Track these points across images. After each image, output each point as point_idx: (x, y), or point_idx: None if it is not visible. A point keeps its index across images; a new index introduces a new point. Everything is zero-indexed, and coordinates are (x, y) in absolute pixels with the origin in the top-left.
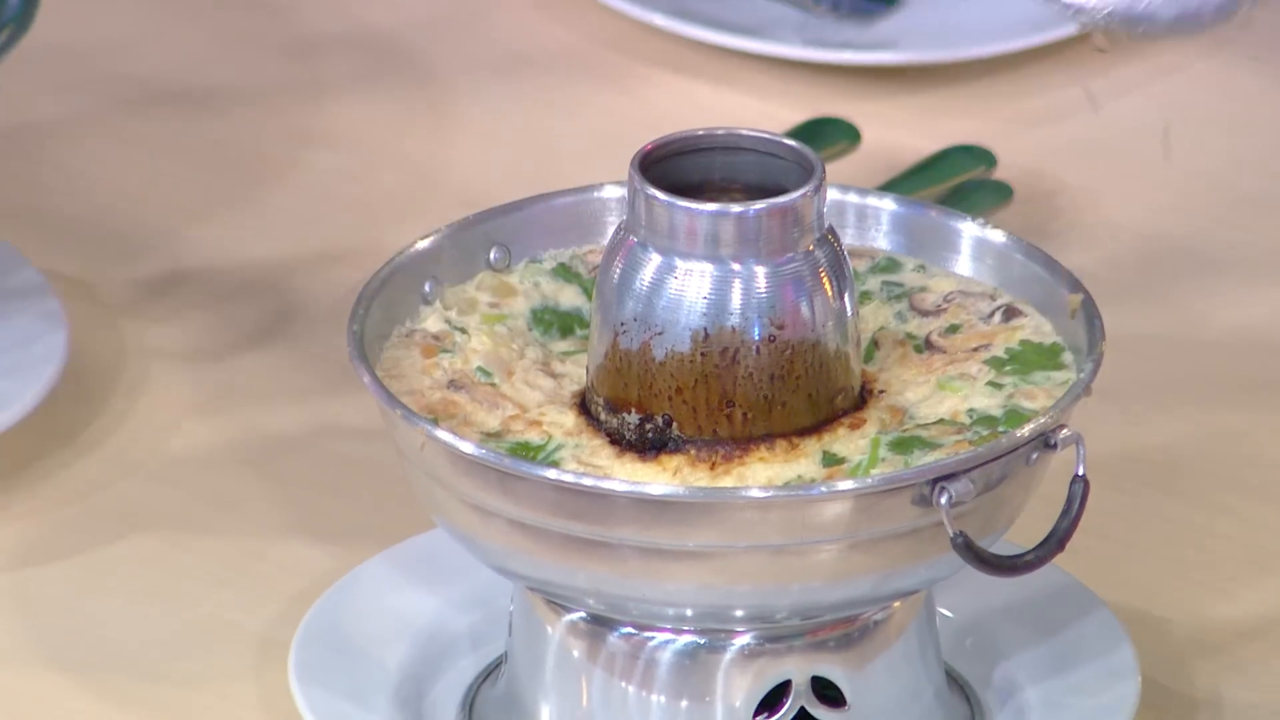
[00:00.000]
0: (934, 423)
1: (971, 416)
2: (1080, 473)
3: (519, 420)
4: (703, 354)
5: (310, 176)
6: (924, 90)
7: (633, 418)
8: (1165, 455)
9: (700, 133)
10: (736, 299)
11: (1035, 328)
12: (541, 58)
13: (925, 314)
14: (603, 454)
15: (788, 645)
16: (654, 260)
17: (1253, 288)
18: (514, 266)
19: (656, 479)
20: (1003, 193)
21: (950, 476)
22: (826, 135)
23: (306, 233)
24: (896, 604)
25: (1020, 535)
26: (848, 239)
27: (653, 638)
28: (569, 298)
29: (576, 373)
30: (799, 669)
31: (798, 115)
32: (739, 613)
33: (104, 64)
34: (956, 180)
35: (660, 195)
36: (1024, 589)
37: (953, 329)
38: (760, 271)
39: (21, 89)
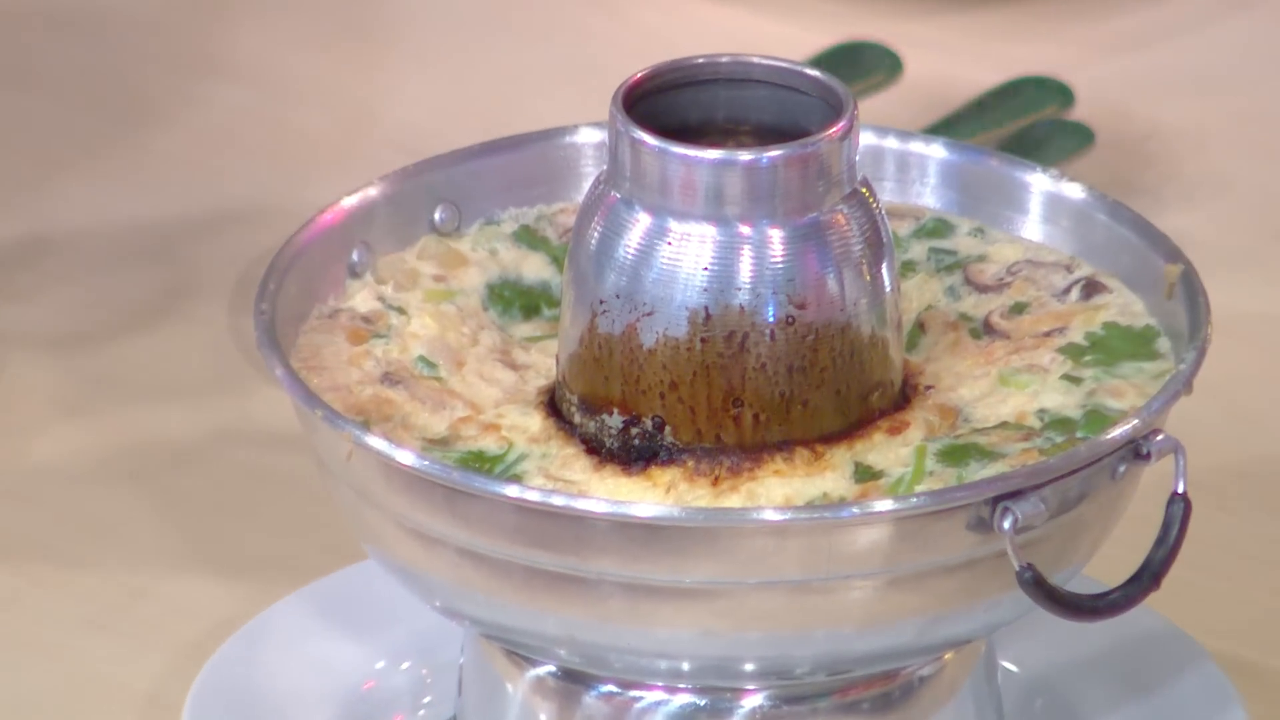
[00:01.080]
0: (995, 427)
1: (1042, 419)
2: (1180, 490)
3: (471, 423)
4: (703, 340)
5: (207, 116)
6: (982, 7)
7: (615, 420)
8: None
9: (700, 61)
10: (746, 270)
11: (1123, 307)
12: None
13: (984, 290)
14: (577, 466)
15: (811, 708)
16: (642, 221)
17: None
18: (465, 230)
19: (645, 497)
20: (1082, 136)
21: (1016, 495)
22: (860, 64)
23: (203, 187)
24: (948, 656)
25: (1104, 569)
26: (886, 195)
27: (640, 698)
28: (534, 269)
29: (544, 364)
30: None
31: (824, 39)
32: (749, 666)
33: None
34: (1024, 121)
35: (650, 139)
36: (1108, 636)
37: (1019, 309)
38: (775, 236)
39: None
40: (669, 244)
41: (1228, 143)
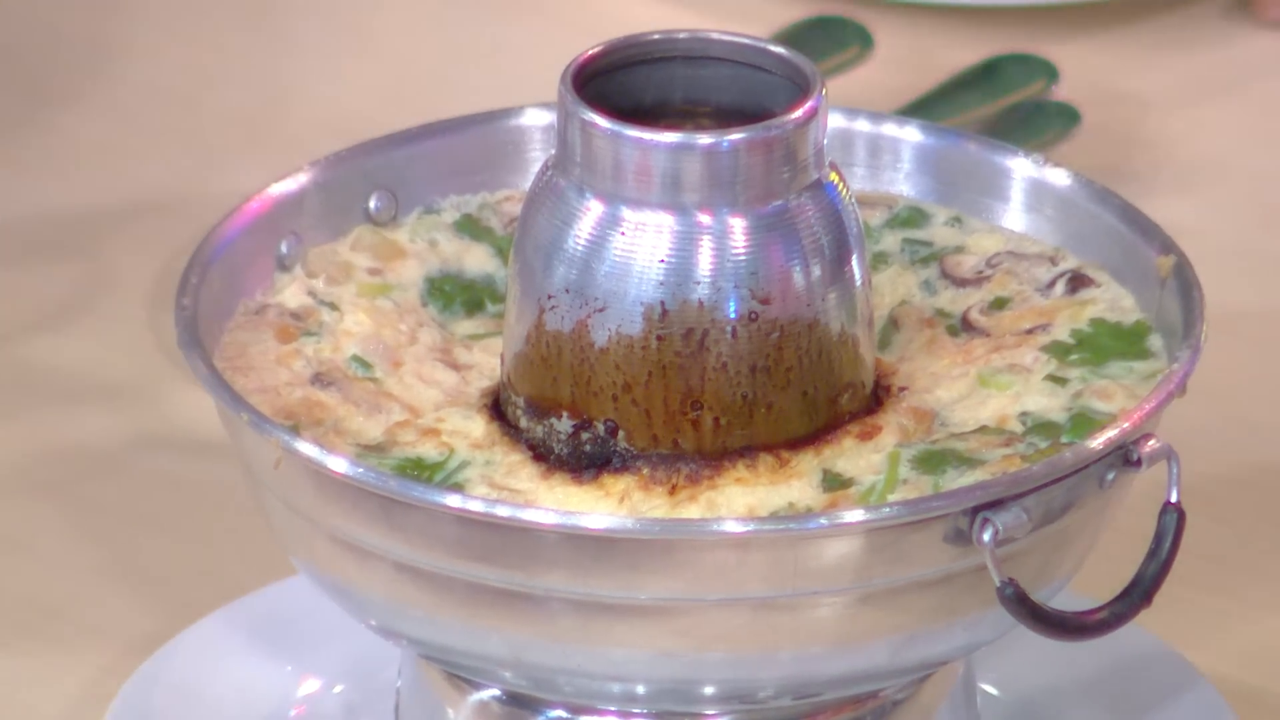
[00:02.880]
0: (974, 431)
1: (1025, 422)
2: (1173, 499)
3: (409, 428)
4: (659, 338)
5: (121, 95)
6: None
7: (564, 424)
8: None
9: (656, 36)
10: (705, 263)
11: (1111, 302)
12: None
13: (962, 283)
14: (523, 474)
15: None
16: (593, 210)
17: None
18: (402, 219)
19: (596, 508)
20: (1068, 118)
21: (996, 504)
22: (828, 40)
23: (118, 173)
24: (923, 678)
25: (1091, 584)
26: (857, 181)
27: None
28: (477, 261)
29: (487, 363)
30: None
31: (790, 13)
32: (709, 690)
33: None
34: (1005, 101)
35: (602, 121)
36: (1096, 658)
37: (999, 304)
38: (737, 225)
39: None
40: (622, 234)
41: (1223, 126)
